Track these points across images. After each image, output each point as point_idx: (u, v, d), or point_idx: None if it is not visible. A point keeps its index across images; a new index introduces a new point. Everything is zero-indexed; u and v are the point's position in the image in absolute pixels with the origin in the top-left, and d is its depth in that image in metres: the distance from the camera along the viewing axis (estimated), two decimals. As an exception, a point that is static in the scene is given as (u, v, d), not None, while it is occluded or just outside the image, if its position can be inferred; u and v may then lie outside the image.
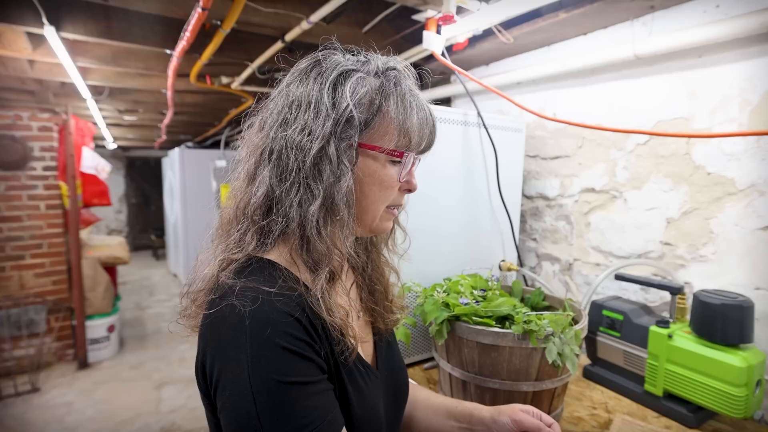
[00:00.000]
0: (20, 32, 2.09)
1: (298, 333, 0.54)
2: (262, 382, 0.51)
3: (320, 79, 0.61)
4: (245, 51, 2.27)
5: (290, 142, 0.59)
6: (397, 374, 0.77)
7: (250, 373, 0.51)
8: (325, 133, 0.58)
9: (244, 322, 0.52)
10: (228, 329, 0.53)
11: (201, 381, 0.58)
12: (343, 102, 0.59)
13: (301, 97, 0.61)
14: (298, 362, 0.53)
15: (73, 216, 3.45)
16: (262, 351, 0.52)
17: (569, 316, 1.04)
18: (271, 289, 0.55)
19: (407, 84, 0.64)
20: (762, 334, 1.18)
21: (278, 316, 0.54)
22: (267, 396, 0.51)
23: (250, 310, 0.53)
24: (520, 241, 1.82)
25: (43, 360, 3.49)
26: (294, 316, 0.55)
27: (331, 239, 0.60)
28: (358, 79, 0.60)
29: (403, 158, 0.64)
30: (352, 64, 0.62)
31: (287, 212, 0.59)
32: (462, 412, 0.79)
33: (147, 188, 9.59)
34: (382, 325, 0.77)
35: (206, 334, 0.56)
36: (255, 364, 0.51)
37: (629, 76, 1.48)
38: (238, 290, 0.55)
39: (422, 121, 0.64)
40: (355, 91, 0.60)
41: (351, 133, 0.59)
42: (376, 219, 0.66)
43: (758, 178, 1.19)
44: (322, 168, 0.58)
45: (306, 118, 0.59)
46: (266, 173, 0.61)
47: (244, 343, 0.52)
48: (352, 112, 0.59)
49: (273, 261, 0.61)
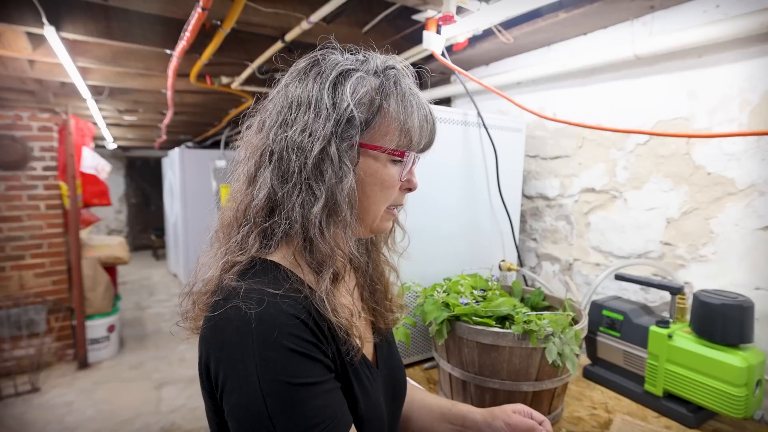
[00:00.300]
0: (20, 32, 2.09)
1: (305, 335, 0.54)
2: (271, 384, 0.51)
3: (320, 79, 0.60)
4: (245, 51, 2.27)
5: (291, 144, 0.59)
6: (396, 373, 0.77)
7: (260, 375, 0.51)
8: (326, 134, 0.58)
9: (251, 324, 0.52)
10: (233, 332, 0.53)
11: (206, 383, 0.58)
12: (344, 102, 0.58)
13: (300, 98, 0.60)
14: (305, 363, 0.53)
15: (73, 216, 3.45)
16: (270, 353, 0.52)
17: (569, 316, 1.04)
18: (276, 291, 0.55)
19: (407, 83, 0.64)
20: (762, 334, 1.18)
21: (285, 318, 0.54)
22: (277, 397, 0.51)
23: (256, 313, 0.52)
24: (520, 241, 1.82)
25: (43, 360, 3.49)
26: (300, 318, 0.55)
27: (334, 240, 0.60)
28: (358, 78, 0.60)
29: (404, 157, 0.63)
30: (351, 63, 0.62)
31: (290, 214, 0.59)
32: (456, 415, 0.80)
33: (147, 188, 9.59)
34: (383, 325, 0.77)
35: (210, 336, 0.56)
36: (264, 367, 0.51)
37: (629, 76, 1.48)
38: (243, 292, 0.54)
39: (422, 120, 0.64)
40: (356, 90, 0.59)
41: (352, 133, 0.59)
42: (377, 219, 0.66)
43: (758, 178, 1.19)
44: (324, 169, 0.58)
45: (306, 118, 0.59)
46: (267, 175, 0.60)
47: (251, 346, 0.52)
48: (353, 112, 0.58)
49: (277, 263, 0.61)
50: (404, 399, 0.81)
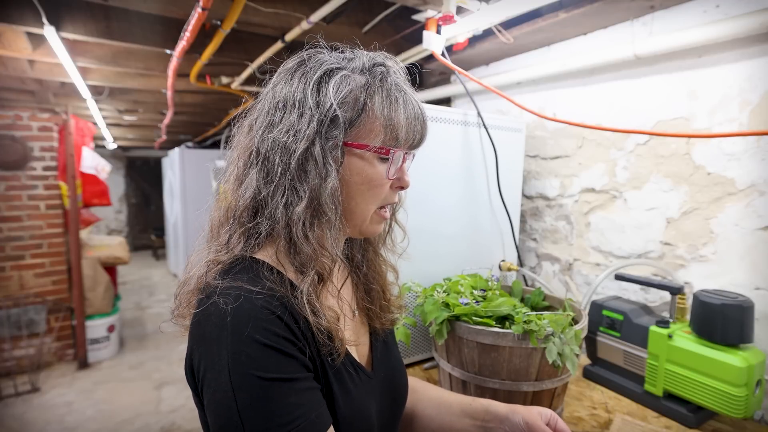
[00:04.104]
0: (20, 32, 2.09)
1: (280, 330, 0.54)
2: (242, 379, 0.51)
3: (304, 79, 0.60)
4: (245, 51, 2.27)
5: (276, 144, 0.59)
6: (394, 376, 0.76)
7: (231, 369, 0.51)
8: (309, 134, 0.58)
9: (226, 319, 0.52)
10: (211, 327, 0.53)
11: (190, 379, 0.58)
12: (327, 101, 0.58)
13: (286, 98, 0.60)
14: (279, 359, 0.53)
15: (73, 216, 3.45)
16: (242, 347, 0.51)
17: (569, 316, 1.04)
18: (253, 287, 0.55)
19: (394, 80, 0.63)
20: (762, 334, 1.18)
21: (259, 312, 0.53)
22: (247, 392, 0.51)
23: (232, 308, 0.53)
24: (520, 241, 1.82)
25: (43, 360, 3.49)
26: (276, 313, 0.54)
27: (318, 241, 0.60)
28: (342, 77, 0.60)
29: (390, 155, 0.62)
30: (336, 62, 0.62)
31: (273, 214, 0.59)
32: (477, 409, 0.77)
33: (147, 188, 9.59)
34: (378, 325, 0.76)
35: (193, 332, 0.56)
36: (235, 361, 0.51)
37: (629, 76, 1.48)
38: (222, 289, 0.55)
39: (410, 117, 0.62)
40: (339, 89, 0.59)
41: (336, 133, 0.59)
42: (366, 221, 0.65)
43: (758, 178, 1.19)
44: (308, 169, 0.58)
45: (291, 118, 0.59)
46: (253, 175, 0.60)
47: (225, 340, 0.52)
48: (336, 112, 0.58)
49: (260, 261, 0.61)
50: (404, 403, 0.79)
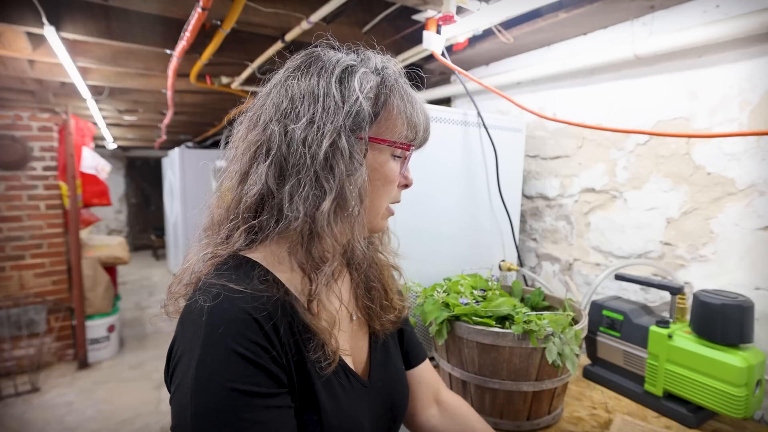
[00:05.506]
0: (20, 32, 2.09)
1: (254, 336, 0.51)
2: (202, 384, 0.48)
3: (325, 74, 0.60)
4: (245, 51, 2.27)
5: (295, 137, 0.57)
6: (392, 385, 0.74)
7: (195, 370, 0.49)
8: (335, 127, 0.57)
9: (202, 317, 0.51)
10: (190, 324, 0.53)
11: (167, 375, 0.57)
12: (353, 95, 0.58)
13: (304, 92, 0.59)
14: (246, 368, 0.50)
15: (73, 216, 3.45)
16: (210, 350, 0.49)
17: (569, 316, 1.04)
18: (237, 286, 0.53)
19: (403, 81, 0.66)
20: (762, 334, 1.18)
21: (236, 313, 0.51)
22: (204, 398, 0.48)
23: (209, 306, 0.51)
24: (520, 241, 1.82)
25: (43, 360, 3.49)
26: (254, 316, 0.52)
27: (336, 237, 0.59)
28: (363, 73, 0.60)
29: (410, 151, 0.65)
30: (353, 60, 0.62)
31: (290, 210, 0.56)
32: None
33: (147, 188, 9.59)
34: (378, 326, 0.75)
35: (177, 326, 0.56)
36: (201, 362, 0.49)
37: (629, 76, 1.48)
38: (205, 285, 0.54)
39: (424, 115, 0.66)
40: (363, 85, 0.59)
41: (362, 126, 0.59)
42: (378, 216, 0.66)
43: (758, 178, 1.19)
44: (334, 162, 0.57)
45: (312, 112, 0.57)
46: (262, 170, 0.58)
47: (198, 339, 0.50)
48: (362, 105, 0.58)
49: (253, 260, 0.59)
50: (402, 412, 0.77)
